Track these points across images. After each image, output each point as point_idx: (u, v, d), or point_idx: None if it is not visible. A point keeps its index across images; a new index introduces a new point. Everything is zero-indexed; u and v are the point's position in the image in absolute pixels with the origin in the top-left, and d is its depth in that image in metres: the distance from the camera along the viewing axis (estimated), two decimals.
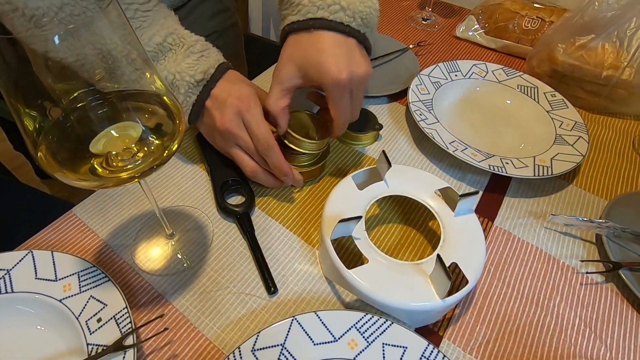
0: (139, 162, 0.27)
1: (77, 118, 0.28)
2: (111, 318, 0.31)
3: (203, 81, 0.41)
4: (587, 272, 0.40)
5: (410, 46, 0.67)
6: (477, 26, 0.71)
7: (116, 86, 0.27)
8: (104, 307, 0.32)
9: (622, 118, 0.58)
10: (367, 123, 0.52)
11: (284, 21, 0.41)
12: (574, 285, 0.39)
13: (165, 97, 0.29)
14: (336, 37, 0.38)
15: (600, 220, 0.41)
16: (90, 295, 0.32)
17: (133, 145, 0.28)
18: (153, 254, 0.39)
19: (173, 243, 0.40)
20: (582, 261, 0.41)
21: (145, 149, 0.28)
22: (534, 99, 0.56)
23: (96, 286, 0.33)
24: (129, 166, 0.27)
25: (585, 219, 0.41)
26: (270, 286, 0.37)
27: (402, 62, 0.64)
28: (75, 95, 0.27)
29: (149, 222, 0.42)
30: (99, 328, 0.31)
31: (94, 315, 0.31)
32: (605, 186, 0.48)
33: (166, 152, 0.28)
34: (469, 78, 0.59)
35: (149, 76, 0.28)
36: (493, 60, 0.68)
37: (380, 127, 0.52)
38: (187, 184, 0.46)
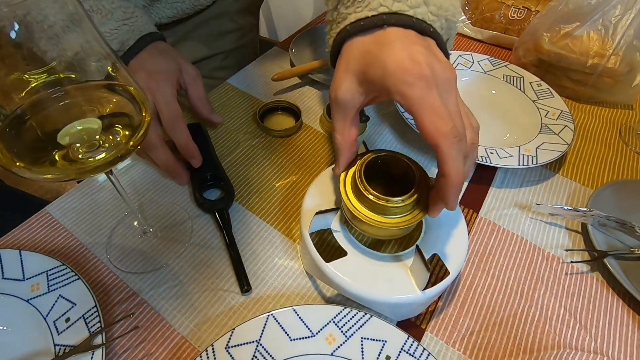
0: (103, 153, 0.26)
1: (37, 111, 0.27)
2: (80, 317, 0.30)
3: (119, 52, 0.37)
4: (572, 262, 0.39)
5: None
6: (463, 17, 0.70)
7: (74, 76, 0.26)
8: (73, 307, 0.31)
9: (609, 107, 0.57)
10: None
11: (342, 23, 0.29)
12: (559, 275, 0.38)
13: (130, 87, 0.28)
14: (410, 33, 0.27)
15: (586, 209, 0.40)
16: (59, 295, 0.31)
17: (97, 136, 0.27)
18: (128, 252, 0.38)
19: (150, 240, 0.39)
20: (567, 250, 0.40)
21: (111, 137, 0.27)
22: (520, 89, 0.55)
23: (65, 285, 0.32)
24: (92, 158, 0.26)
25: (571, 208, 0.40)
26: (244, 284, 0.35)
27: None
28: (33, 85, 0.26)
29: (124, 220, 0.40)
30: (67, 328, 0.30)
31: (63, 315, 0.30)
32: (591, 175, 0.48)
33: (131, 142, 0.27)
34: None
35: (110, 69, 0.27)
36: (480, 51, 0.67)
37: (367, 118, 0.51)
38: (165, 180, 0.44)
